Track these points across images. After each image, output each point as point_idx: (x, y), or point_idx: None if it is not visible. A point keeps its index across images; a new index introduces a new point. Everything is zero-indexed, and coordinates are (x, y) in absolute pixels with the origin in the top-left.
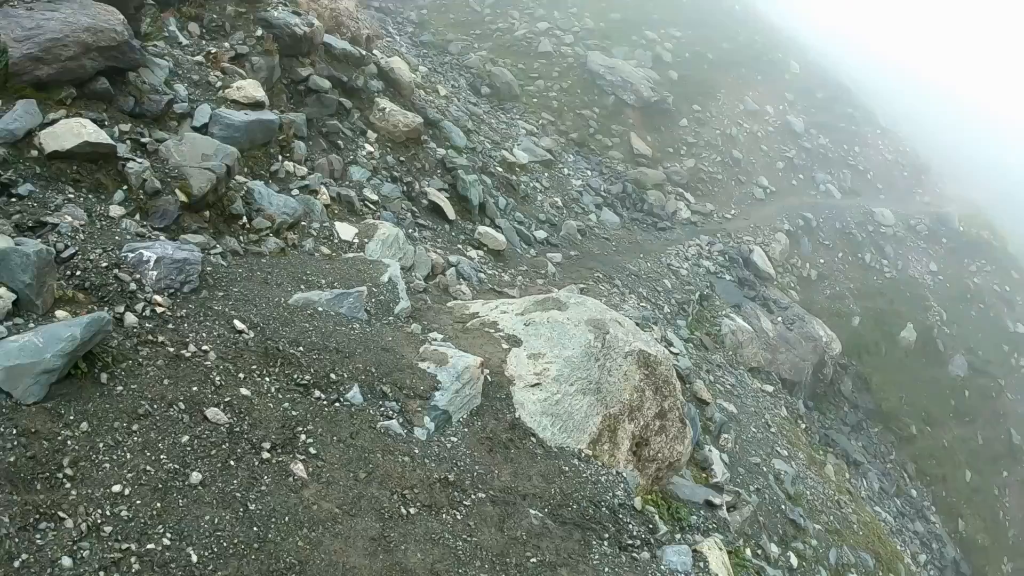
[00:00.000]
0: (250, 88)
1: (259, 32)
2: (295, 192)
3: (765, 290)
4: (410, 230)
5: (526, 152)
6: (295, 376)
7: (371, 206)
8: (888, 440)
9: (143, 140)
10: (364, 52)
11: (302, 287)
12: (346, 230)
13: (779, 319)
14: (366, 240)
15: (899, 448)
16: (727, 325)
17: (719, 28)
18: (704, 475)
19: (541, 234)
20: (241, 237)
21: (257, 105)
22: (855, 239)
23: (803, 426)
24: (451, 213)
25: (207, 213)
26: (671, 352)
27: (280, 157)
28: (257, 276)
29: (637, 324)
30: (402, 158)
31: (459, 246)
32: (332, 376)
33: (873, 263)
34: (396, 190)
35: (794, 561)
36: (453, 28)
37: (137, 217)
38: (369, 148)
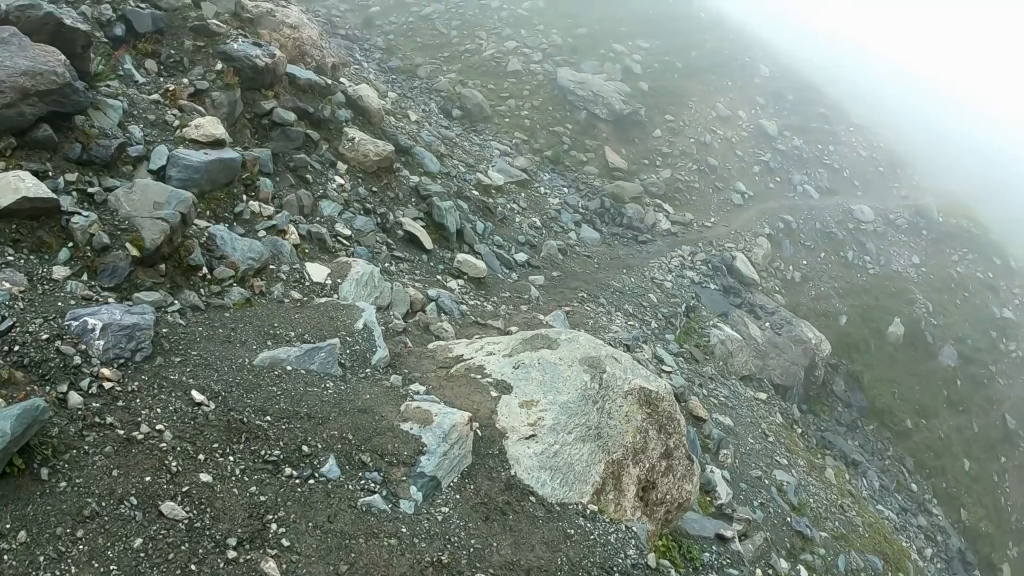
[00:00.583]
0: (209, 126)
1: (219, 66)
2: (262, 233)
3: (751, 296)
4: (386, 264)
5: (501, 173)
6: (263, 452)
7: (344, 242)
8: (884, 436)
9: (91, 190)
10: (330, 81)
11: (269, 343)
12: (318, 271)
13: (767, 324)
14: (339, 280)
15: (896, 443)
16: (715, 335)
17: (686, 36)
18: (708, 498)
19: (521, 256)
20: (202, 290)
21: (217, 143)
22: (836, 238)
23: (799, 431)
24: (428, 242)
25: (163, 266)
26: (663, 371)
27: (244, 197)
28: (219, 334)
29: (627, 347)
30: (374, 188)
31: (438, 277)
32: (304, 448)
33: (856, 260)
34: (370, 223)
35: (805, 574)
36: (421, 52)
37: (84, 277)
38: (340, 180)
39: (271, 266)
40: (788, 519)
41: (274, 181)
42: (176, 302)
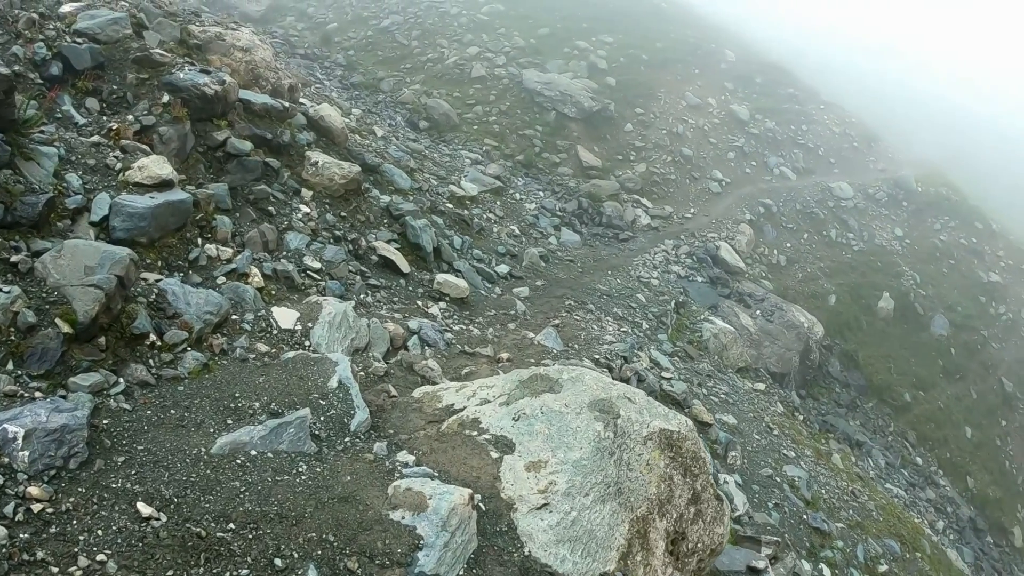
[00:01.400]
0: (154, 166)
1: (165, 98)
2: (221, 280)
3: (738, 285)
4: (362, 295)
5: (474, 183)
6: (227, 574)
7: (314, 276)
8: (884, 413)
9: (14, 259)
10: (288, 104)
11: (230, 421)
12: (285, 316)
13: (757, 312)
14: (310, 324)
15: (896, 418)
16: (708, 329)
17: (650, 28)
18: None
19: (503, 268)
20: (151, 360)
21: (164, 184)
22: (817, 217)
23: (801, 418)
24: (404, 266)
25: (102, 340)
26: (663, 377)
27: (200, 240)
28: (171, 417)
29: (624, 358)
30: (343, 213)
31: (418, 302)
32: (278, 561)
33: (839, 239)
34: (340, 252)
35: (827, 573)
36: (383, 65)
37: (9, 365)
38: (305, 209)
39: (233, 316)
40: (804, 516)
41: (233, 218)
42: (121, 380)
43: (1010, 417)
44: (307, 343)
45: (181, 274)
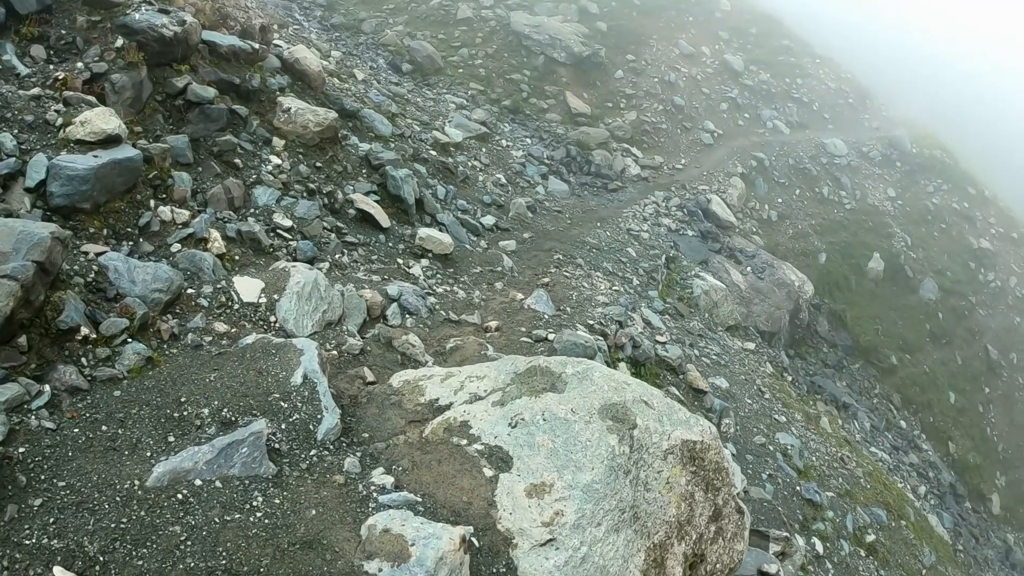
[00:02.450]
0: (98, 120)
1: (119, 42)
2: (176, 247)
3: (729, 240)
4: (337, 255)
5: (459, 128)
6: None
7: (285, 235)
8: (871, 374)
9: None
10: (258, 46)
11: (171, 438)
12: (248, 287)
13: (748, 269)
14: (276, 296)
15: (882, 380)
16: (699, 286)
17: None
18: None
19: (489, 220)
20: (84, 359)
21: (110, 140)
22: (810, 174)
23: (789, 378)
24: (384, 220)
25: (23, 339)
26: (658, 341)
27: (152, 202)
28: (102, 436)
29: (619, 323)
30: (318, 163)
31: (399, 261)
32: None
33: (831, 196)
34: (314, 207)
35: (820, 547)
36: (364, 6)
37: None
38: (276, 160)
39: (189, 290)
40: (797, 488)
41: (195, 173)
42: (46, 388)
43: (993, 384)
44: (272, 319)
45: (131, 243)
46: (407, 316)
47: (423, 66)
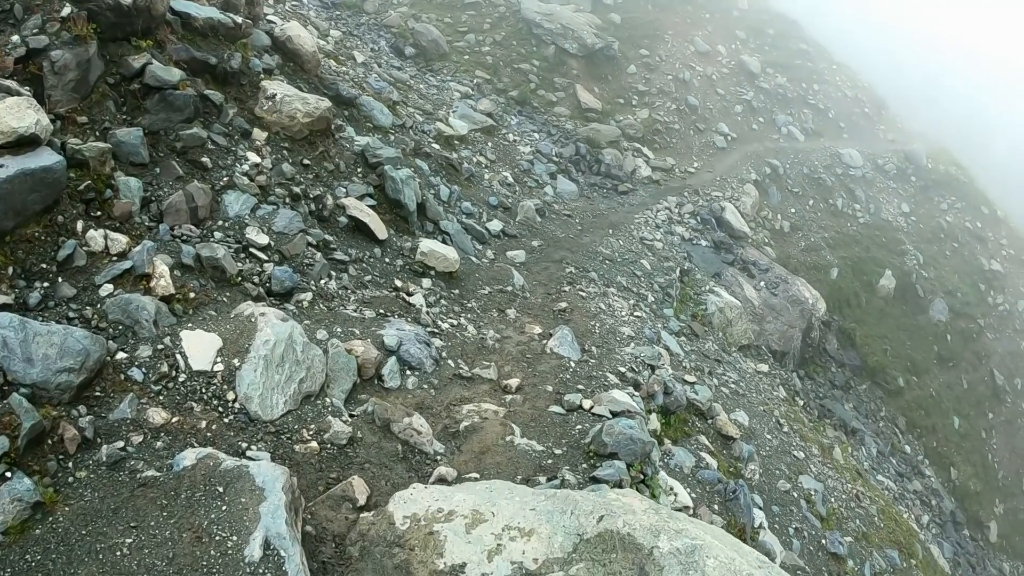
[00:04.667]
0: (8, 115)
1: (66, 10)
2: (106, 290)
3: (742, 251)
4: (323, 279)
5: (464, 120)
6: None
7: (259, 255)
8: (877, 396)
9: None
10: (241, 20)
11: None
12: (201, 347)
13: (761, 283)
14: (236, 362)
15: (888, 403)
16: (713, 302)
17: None
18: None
19: (495, 225)
20: None
21: (24, 143)
22: (824, 184)
23: (801, 403)
24: (381, 230)
25: None
26: (686, 381)
27: (80, 225)
28: None
29: (650, 366)
30: (306, 161)
31: (397, 283)
32: None
33: (845, 208)
34: (296, 219)
35: None
36: None
37: None
38: (254, 158)
39: (120, 354)
40: (822, 540)
41: (150, 176)
42: None
43: (997, 410)
44: (231, 397)
45: (44, 285)
46: (408, 373)
47: (427, 51)
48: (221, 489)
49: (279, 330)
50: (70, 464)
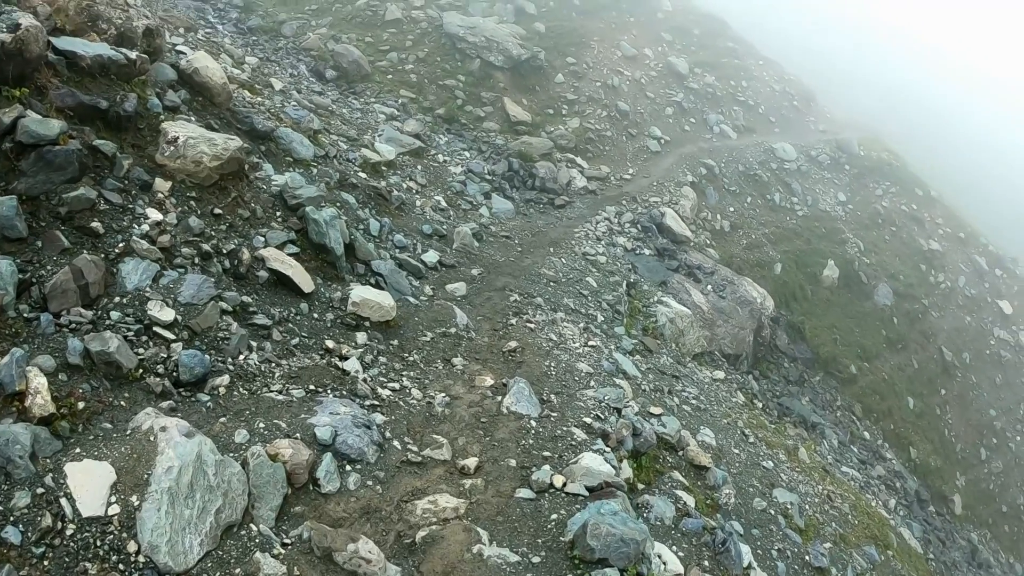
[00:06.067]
0: None
1: None
2: None
3: (686, 256)
4: (242, 354)
5: (390, 143)
6: None
7: (165, 335)
8: (831, 386)
9: None
10: (138, 55)
11: None
12: (91, 484)
13: (708, 287)
14: (136, 501)
15: (843, 391)
16: (663, 313)
17: None
18: None
19: (431, 256)
20: None
21: None
22: (761, 180)
23: (760, 405)
24: (307, 283)
25: None
26: (651, 413)
27: None
28: None
29: (616, 409)
30: (217, 210)
31: (328, 344)
32: None
33: (783, 203)
34: (208, 283)
35: None
36: (284, 6)
37: None
38: (155, 215)
39: None
40: (805, 556)
41: (28, 254)
42: None
43: (949, 386)
44: (133, 549)
45: None
46: (348, 470)
47: (349, 72)
48: None
49: (184, 451)
50: None
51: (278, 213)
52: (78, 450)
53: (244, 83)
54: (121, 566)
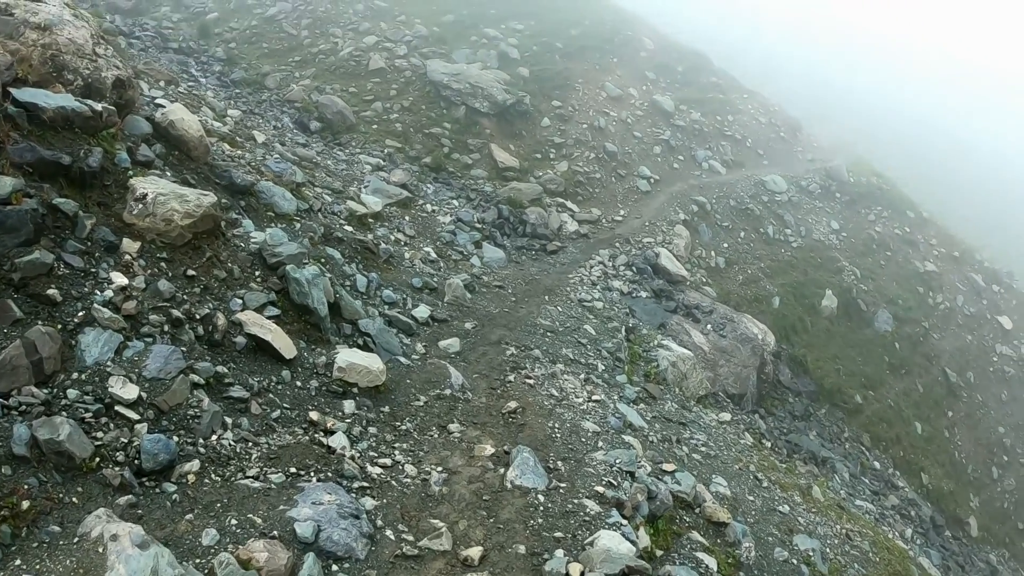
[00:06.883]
0: None
1: None
2: None
3: (683, 296)
4: (213, 436)
5: (377, 195)
6: None
7: (129, 416)
8: (838, 418)
9: None
10: (104, 107)
11: None
12: None
13: (708, 327)
14: None
15: (849, 422)
16: (664, 357)
17: (562, 14)
18: None
19: (422, 311)
20: None
21: None
22: (753, 214)
23: (768, 444)
24: (289, 349)
25: None
26: (663, 471)
27: None
28: None
29: (629, 473)
30: (190, 271)
31: (312, 416)
32: None
33: (777, 235)
34: (176, 354)
35: None
36: (268, 59)
37: None
38: (120, 280)
39: None
40: None
41: None
42: None
43: (955, 407)
44: None
45: None
46: (335, 570)
47: (334, 123)
48: None
49: (136, 566)
50: None
51: (257, 273)
52: (18, 562)
53: (225, 136)
54: None
